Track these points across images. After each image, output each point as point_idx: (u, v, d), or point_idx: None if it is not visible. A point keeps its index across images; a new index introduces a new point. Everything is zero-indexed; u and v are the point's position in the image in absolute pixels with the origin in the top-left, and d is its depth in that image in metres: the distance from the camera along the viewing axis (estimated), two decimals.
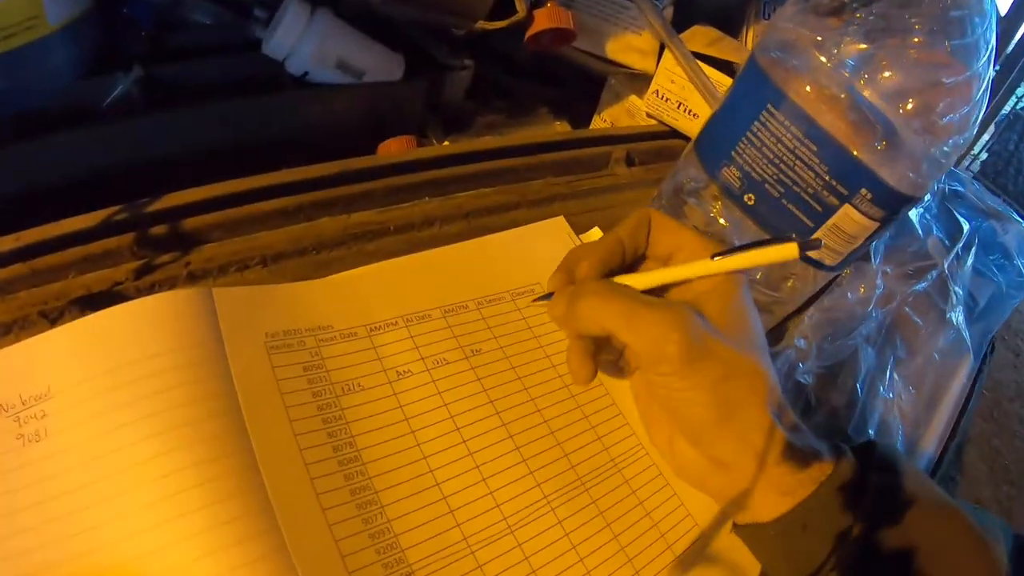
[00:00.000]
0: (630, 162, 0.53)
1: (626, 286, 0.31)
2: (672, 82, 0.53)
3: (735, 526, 0.32)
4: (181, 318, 0.29)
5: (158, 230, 0.36)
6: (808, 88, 0.35)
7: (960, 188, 0.65)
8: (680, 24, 0.56)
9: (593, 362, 0.31)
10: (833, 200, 0.36)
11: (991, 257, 0.61)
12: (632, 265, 0.34)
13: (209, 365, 0.28)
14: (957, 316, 0.54)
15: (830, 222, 0.37)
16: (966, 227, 0.60)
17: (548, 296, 0.33)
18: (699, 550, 0.33)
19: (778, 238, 0.27)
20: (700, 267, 0.30)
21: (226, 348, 0.29)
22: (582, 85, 0.63)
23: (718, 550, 0.33)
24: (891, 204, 0.36)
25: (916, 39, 0.33)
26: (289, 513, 0.26)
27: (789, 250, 0.27)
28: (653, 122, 0.58)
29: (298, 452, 0.28)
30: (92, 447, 0.25)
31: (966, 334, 0.53)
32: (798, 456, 0.29)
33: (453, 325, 0.35)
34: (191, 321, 0.29)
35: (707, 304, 0.30)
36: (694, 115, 0.54)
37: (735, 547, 0.33)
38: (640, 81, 0.59)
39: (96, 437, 0.25)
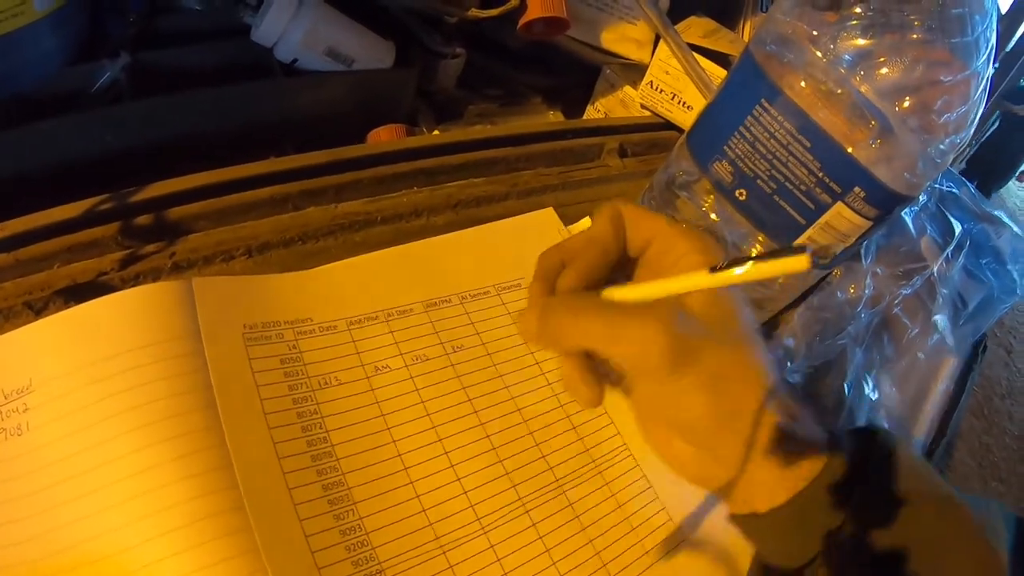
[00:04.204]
0: (623, 153, 0.53)
1: (594, 295, 0.29)
2: (667, 73, 0.53)
3: (731, 516, 0.31)
4: (160, 311, 0.28)
5: (143, 220, 0.35)
6: (803, 83, 0.34)
7: (955, 190, 0.64)
8: (677, 14, 0.55)
9: (598, 381, 0.29)
10: (826, 197, 0.36)
11: (983, 261, 0.60)
12: (617, 270, 0.32)
13: (188, 358, 0.28)
14: (941, 318, 0.53)
15: (822, 220, 0.37)
16: (958, 229, 0.59)
17: None
18: (681, 546, 0.33)
19: (787, 249, 0.25)
20: (697, 279, 0.26)
21: (203, 340, 0.28)
22: (576, 74, 0.62)
23: (700, 546, 0.33)
24: (885, 203, 0.36)
25: (915, 36, 0.33)
26: (260, 510, 0.26)
27: (799, 262, 0.23)
28: (647, 113, 0.57)
29: (272, 446, 0.28)
30: (73, 441, 0.25)
31: (949, 336, 0.53)
32: (794, 450, 0.28)
33: (435, 320, 0.35)
34: (170, 314, 0.29)
35: (691, 299, 0.29)
36: (688, 107, 0.53)
37: (721, 546, 0.33)
38: (635, 71, 0.58)
39: (77, 431, 0.25)
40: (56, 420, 0.26)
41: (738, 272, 0.24)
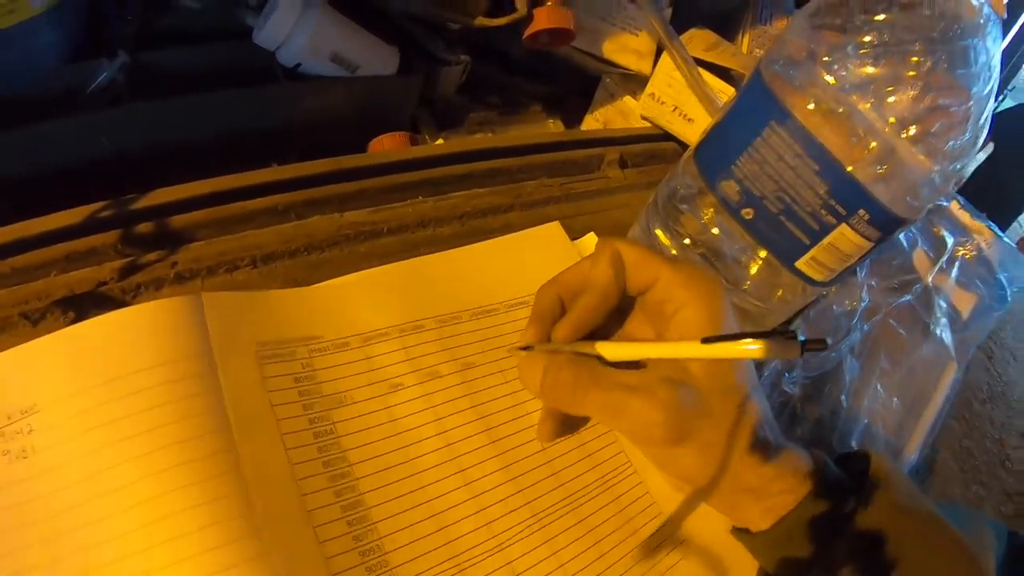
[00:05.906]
0: (623, 164, 0.53)
1: (602, 368, 0.30)
2: (669, 85, 0.53)
3: (733, 528, 0.33)
4: (170, 328, 0.28)
5: (144, 228, 0.35)
6: (812, 106, 0.35)
7: (943, 203, 0.66)
8: (677, 27, 0.55)
9: (558, 428, 0.32)
10: (831, 219, 0.36)
11: (972, 270, 0.62)
12: (613, 313, 0.33)
13: (200, 379, 0.27)
14: (941, 328, 0.54)
15: (826, 240, 0.37)
16: (950, 241, 0.60)
17: (527, 348, 0.32)
18: (685, 559, 0.33)
19: (779, 332, 0.25)
20: (687, 349, 0.28)
21: (216, 360, 0.28)
22: (575, 82, 0.62)
23: (705, 559, 0.34)
24: (887, 226, 0.37)
25: (923, 64, 0.33)
26: (278, 535, 0.25)
27: (790, 349, 0.25)
28: (647, 124, 0.57)
29: (289, 468, 0.27)
30: (80, 466, 0.24)
31: (951, 346, 0.54)
32: (783, 481, 0.30)
33: (446, 337, 0.34)
34: (180, 332, 0.28)
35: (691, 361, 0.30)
36: (689, 119, 0.54)
37: (722, 556, 0.34)
38: (635, 82, 0.58)
39: (85, 455, 0.24)
40: (63, 443, 0.25)
41: (729, 348, 0.25)
